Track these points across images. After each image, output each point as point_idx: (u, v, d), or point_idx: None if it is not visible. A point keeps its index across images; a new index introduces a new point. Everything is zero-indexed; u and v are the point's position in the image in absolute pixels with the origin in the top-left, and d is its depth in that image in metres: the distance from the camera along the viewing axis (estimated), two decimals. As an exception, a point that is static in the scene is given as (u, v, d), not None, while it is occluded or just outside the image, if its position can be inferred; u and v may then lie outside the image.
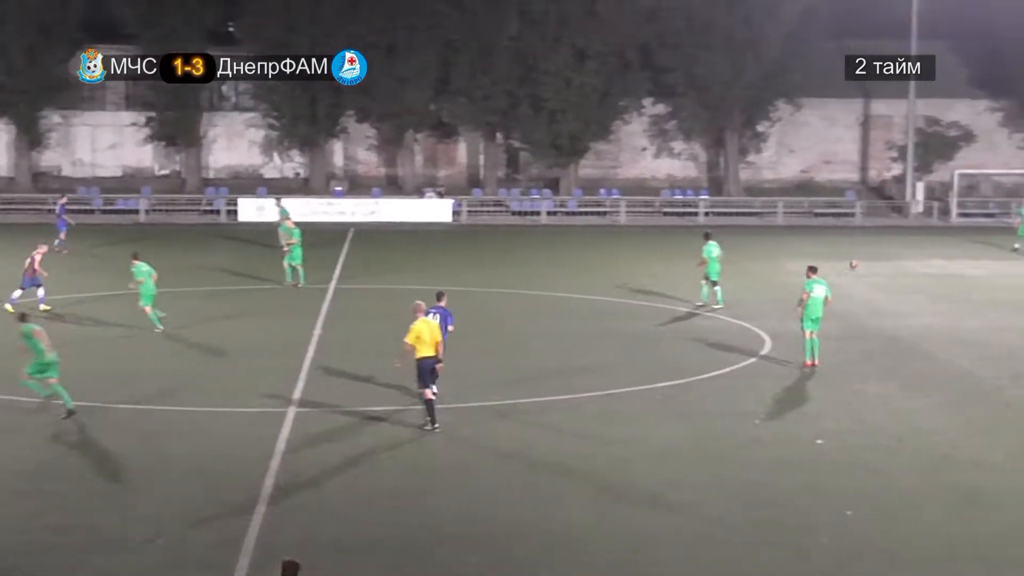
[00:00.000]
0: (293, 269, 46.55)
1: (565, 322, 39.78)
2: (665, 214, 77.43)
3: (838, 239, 65.84)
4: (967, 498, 22.37)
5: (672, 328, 39.09)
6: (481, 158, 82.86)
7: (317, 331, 37.88)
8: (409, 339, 26.56)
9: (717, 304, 42.07)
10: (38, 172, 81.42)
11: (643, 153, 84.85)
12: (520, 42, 76.67)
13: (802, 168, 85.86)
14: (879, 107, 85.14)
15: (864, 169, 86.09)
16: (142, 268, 37.72)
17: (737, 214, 77.77)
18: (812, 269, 34.27)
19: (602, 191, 79.91)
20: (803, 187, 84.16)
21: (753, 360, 34.14)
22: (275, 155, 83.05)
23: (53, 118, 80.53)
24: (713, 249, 42.21)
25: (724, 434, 26.53)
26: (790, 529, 20.81)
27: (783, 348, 35.45)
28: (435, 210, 74.23)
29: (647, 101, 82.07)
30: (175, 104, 78.90)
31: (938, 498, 22.38)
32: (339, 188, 79.53)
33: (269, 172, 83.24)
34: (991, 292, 46.76)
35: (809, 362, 33.05)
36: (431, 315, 28.35)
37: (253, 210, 73.19)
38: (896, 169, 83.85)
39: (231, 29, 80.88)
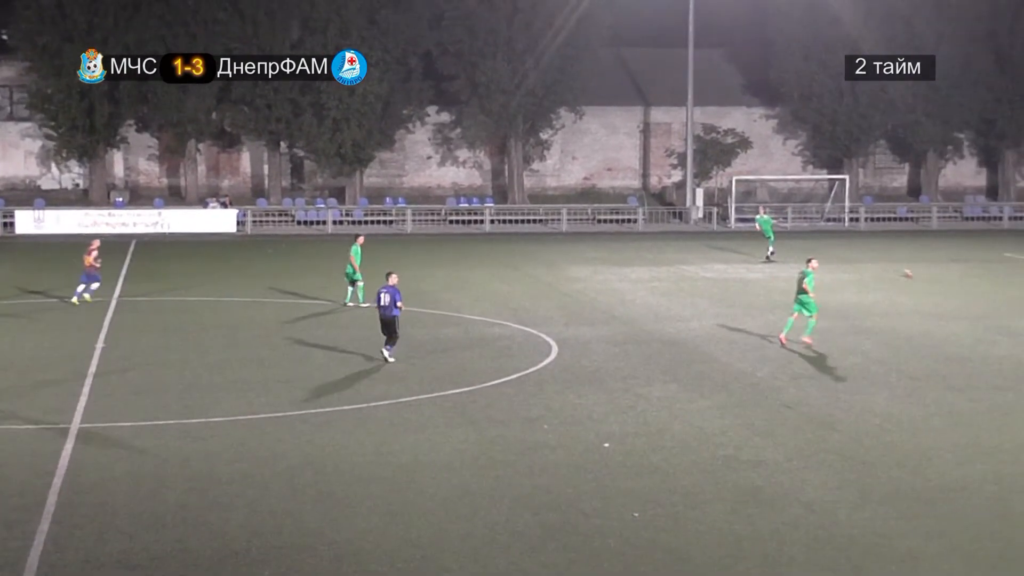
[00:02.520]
0: None
1: (350, 330, 39.62)
2: (451, 222, 77.74)
3: (621, 245, 66.91)
4: (749, 497, 22.84)
5: (460, 335, 39.18)
6: (265, 167, 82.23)
7: (100, 345, 37.15)
8: None
9: (360, 303, 43.36)
10: None
11: (428, 161, 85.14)
12: (302, 50, 76.27)
13: (585, 175, 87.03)
14: (658, 114, 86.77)
15: (645, 176, 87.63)
16: None
17: (522, 221, 78.49)
18: (808, 261, 37.51)
19: (388, 200, 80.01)
20: (586, 194, 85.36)
21: (540, 366, 34.41)
22: (53, 166, 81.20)
23: None
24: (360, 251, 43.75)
25: (512, 440, 26.68)
26: (578, 532, 20.99)
27: (569, 354, 35.82)
28: (219, 220, 73.45)
29: (431, 109, 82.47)
30: (-54, 114, 76.76)
31: (721, 498, 22.80)
32: (120, 199, 78.15)
33: (47, 183, 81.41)
34: (768, 295, 47.88)
35: (807, 339, 36.69)
36: (383, 294, 33.19)
37: (31, 222, 71.52)
38: (676, 176, 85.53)
39: (3, 37, 78.90)
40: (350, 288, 44.09)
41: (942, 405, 30.19)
